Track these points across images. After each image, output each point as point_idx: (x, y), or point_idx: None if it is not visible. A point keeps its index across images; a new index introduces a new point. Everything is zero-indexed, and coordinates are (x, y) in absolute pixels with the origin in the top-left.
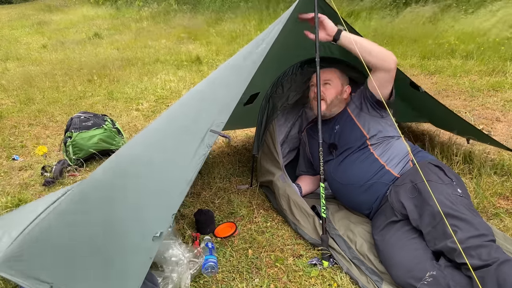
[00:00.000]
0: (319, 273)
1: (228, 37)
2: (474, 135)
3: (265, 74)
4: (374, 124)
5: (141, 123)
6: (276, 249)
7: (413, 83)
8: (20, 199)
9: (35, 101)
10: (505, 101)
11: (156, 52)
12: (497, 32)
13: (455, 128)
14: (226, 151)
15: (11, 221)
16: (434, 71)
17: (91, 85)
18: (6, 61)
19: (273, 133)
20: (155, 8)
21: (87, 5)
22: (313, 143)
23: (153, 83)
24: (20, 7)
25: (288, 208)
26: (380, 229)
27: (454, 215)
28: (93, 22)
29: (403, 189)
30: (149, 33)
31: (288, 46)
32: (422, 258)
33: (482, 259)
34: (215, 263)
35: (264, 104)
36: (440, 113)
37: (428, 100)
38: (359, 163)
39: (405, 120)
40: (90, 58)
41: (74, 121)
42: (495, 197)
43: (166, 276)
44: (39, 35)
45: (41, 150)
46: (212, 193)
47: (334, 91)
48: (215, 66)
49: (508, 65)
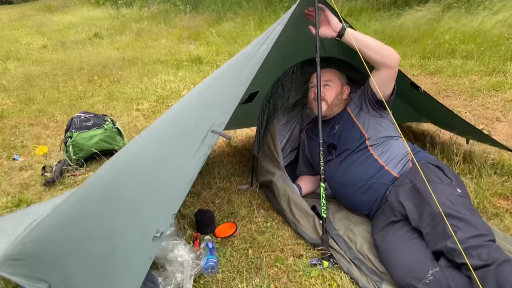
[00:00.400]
0: (319, 273)
1: (229, 37)
2: (474, 135)
3: (264, 73)
4: (373, 123)
5: (142, 123)
6: (276, 249)
7: (413, 83)
8: (20, 199)
9: (36, 101)
10: (505, 101)
11: (157, 52)
12: (497, 32)
13: (455, 128)
14: (227, 151)
15: (13, 222)
16: (434, 71)
17: (91, 85)
18: (7, 61)
19: (274, 133)
20: (155, 9)
21: (88, 6)
22: (312, 143)
23: (153, 83)
24: (21, 7)
25: (288, 208)
26: (380, 229)
27: (454, 215)
28: (94, 22)
29: (403, 189)
30: (149, 33)
31: (288, 46)
32: (422, 258)
33: (482, 259)
34: (216, 263)
35: (264, 104)
36: (440, 113)
37: (428, 100)
38: (358, 163)
39: (405, 121)
40: (91, 58)
41: (74, 121)
42: (495, 197)
43: (168, 276)
44: (39, 35)
45: (42, 150)
46: (212, 193)
47: (335, 92)
48: (215, 66)
49: (508, 65)
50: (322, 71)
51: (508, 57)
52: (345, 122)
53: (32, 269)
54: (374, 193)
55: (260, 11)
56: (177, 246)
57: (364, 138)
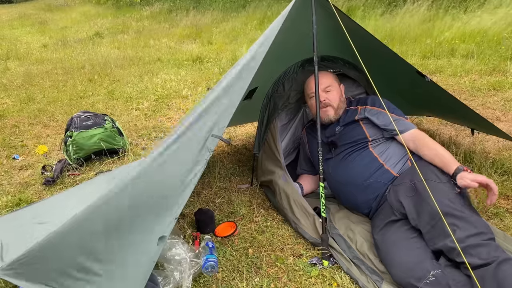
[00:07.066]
0: (319, 273)
1: (230, 37)
2: (479, 124)
3: (264, 69)
4: (377, 129)
5: (142, 123)
6: (276, 249)
7: (419, 72)
8: (20, 198)
9: (36, 101)
10: (505, 100)
11: (157, 51)
12: (497, 31)
13: (459, 118)
14: (227, 150)
15: (16, 222)
16: (435, 70)
17: (91, 85)
18: (7, 60)
19: (275, 132)
20: (157, 8)
21: (88, 4)
22: (312, 142)
23: (153, 83)
24: (21, 6)
25: (288, 206)
26: (379, 228)
27: (453, 213)
28: (94, 21)
29: (402, 188)
30: (150, 32)
31: (288, 44)
32: (422, 258)
33: (481, 258)
34: (215, 263)
35: (265, 104)
36: (444, 104)
37: (434, 89)
38: (357, 161)
39: (408, 114)
40: (91, 57)
41: (74, 121)
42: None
43: (167, 275)
44: (39, 35)
45: (42, 150)
46: (213, 192)
47: (337, 94)
48: (216, 65)
49: (508, 64)
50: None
51: (508, 56)
52: (348, 121)
53: (37, 273)
54: (374, 192)
55: (262, 10)
56: (175, 244)
57: (365, 136)
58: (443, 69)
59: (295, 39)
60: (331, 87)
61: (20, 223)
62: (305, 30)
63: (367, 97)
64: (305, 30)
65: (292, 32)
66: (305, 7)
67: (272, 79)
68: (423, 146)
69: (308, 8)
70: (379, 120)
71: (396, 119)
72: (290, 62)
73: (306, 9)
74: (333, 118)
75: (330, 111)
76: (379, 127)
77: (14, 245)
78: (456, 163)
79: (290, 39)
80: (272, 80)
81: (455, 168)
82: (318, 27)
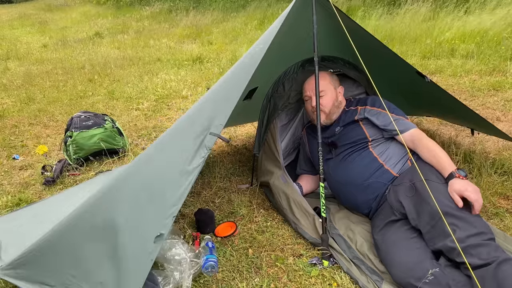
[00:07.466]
0: (319, 273)
1: (230, 37)
2: (479, 125)
3: (264, 69)
4: (377, 129)
5: (142, 123)
6: (276, 249)
7: (419, 72)
8: (20, 198)
9: (36, 101)
10: (505, 100)
11: (157, 52)
12: (497, 31)
13: (459, 118)
14: (227, 150)
15: (15, 222)
16: (435, 70)
17: (91, 85)
18: (7, 61)
19: (275, 132)
20: (157, 8)
21: (88, 4)
22: (312, 142)
23: (153, 83)
24: (21, 6)
25: (288, 207)
26: (379, 228)
27: (453, 213)
28: (94, 21)
29: (402, 188)
30: (150, 32)
31: (288, 43)
32: (422, 258)
33: (481, 258)
34: (215, 263)
35: (265, 104)
36: (444, 104)
37: (434, 90)
38: (357, 161)
39: (408, 115)
40: (91, 57)
41: (74, 121)
42: (496, 197)
43: (167, 275)
44: (39, 35)
45: (42, 150)
46: (213, 192)
47: (330, 99)
48: (216, 65)
49: (508, 64)
50: (313, 80)
51: (508, 56)
52: (348, 122)
53: (36, 273)
54: (373, 192)
55: (262, 10)
56: (175, 244)
57: (365, 136)
58: (443, 69)
59: (295, 39)
60: (323, 92)
61: (20, 223)
62: (306, 30)
63: (367, 98)
64: (306, 30)
65: (293, 32)
66: (306, 7)
67: (272, 79)
68: (422, 147)
69: (309, 8)
70: (379, 120)
71: (396, 119)
72: (290, 62)
73: (307, 9)
74: (324, 122)
75: (321, 116)
76: (379, 128)
77: (14, 245)
78: (452, 166)
79: (291, 39)
80: (272, 80)
81: (448, 174)
82: (319, 27)
